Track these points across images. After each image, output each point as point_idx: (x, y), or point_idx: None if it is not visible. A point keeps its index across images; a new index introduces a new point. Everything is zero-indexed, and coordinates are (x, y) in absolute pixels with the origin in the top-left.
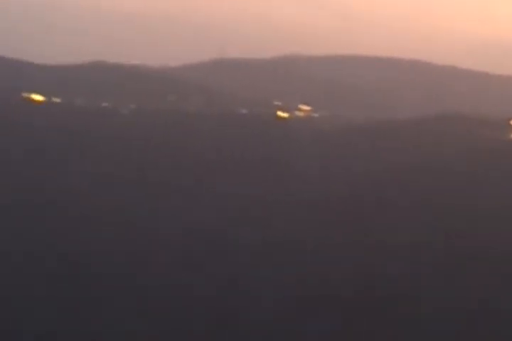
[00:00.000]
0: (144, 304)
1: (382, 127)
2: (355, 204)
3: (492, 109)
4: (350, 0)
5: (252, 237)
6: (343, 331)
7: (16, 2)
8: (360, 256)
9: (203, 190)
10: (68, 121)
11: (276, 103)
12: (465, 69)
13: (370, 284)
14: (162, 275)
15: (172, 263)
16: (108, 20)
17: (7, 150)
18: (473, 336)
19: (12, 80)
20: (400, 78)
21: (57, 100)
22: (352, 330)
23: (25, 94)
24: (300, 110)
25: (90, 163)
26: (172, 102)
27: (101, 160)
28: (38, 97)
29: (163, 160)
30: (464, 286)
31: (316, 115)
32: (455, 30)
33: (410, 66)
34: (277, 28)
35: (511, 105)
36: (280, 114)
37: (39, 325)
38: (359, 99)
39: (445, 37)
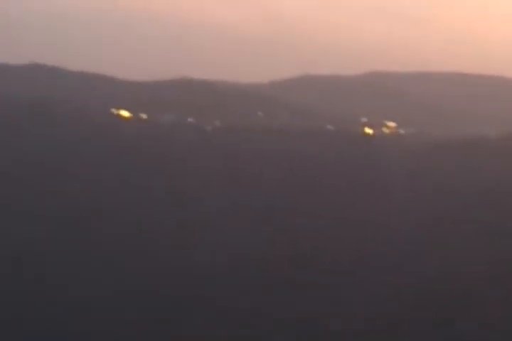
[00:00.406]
0: None
1: (471, 144)
2: (447, 224)
3: None
4: (444, 17)
5: (348, 258)
6: None
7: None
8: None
9: (293, 207)
10: (154, 137)
11: (362, 120)
12: None
13: None
14: None
15: None
16: (194, 36)
17: (97, 165)
18: None
19: (100, 97)
20: (487, 95)
21: (144, 116)
22: None
23: (113, 111)
24: (386, 127)
25: (177, 179)
26: (259, 119)
27: (187, 176)
28: (125, 113)
29: (250, 177)
30: None
31: (402, 132)
32: None
33: (497, 83)
34: (364, 44)
35: None
36: (367, 130)
37: None
38: (445, 116)
39: None
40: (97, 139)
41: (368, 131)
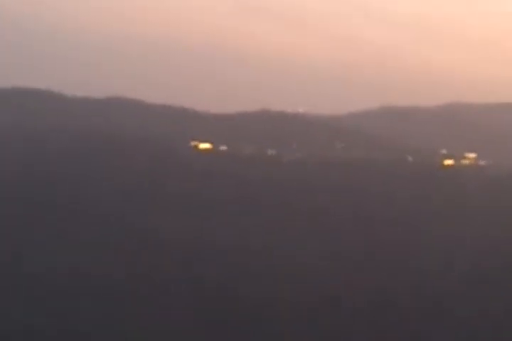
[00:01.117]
0: None
1: None
2: None
3: None
4: None
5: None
6: None
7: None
8: None
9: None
10: (235, 168)
11: (442, 151)
12: None
13: None
14: None
15: None
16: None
17: (177, 196)
18: None
19: (180, 129)
20: None
21: (223, 148)
22: None
23: (192, 143)
24: (466, 158)
25: (257, 210)
26: (339, 150)
27: (266, 207)
28: (205, 145)
29: (330, 208)
30: None
31: (482, 163)
32: None
33: None
34: (441, 75)
35: None
36: (446, 162)
37: None
38: None
39: None
40: (178, 171)
41: (448, 162)
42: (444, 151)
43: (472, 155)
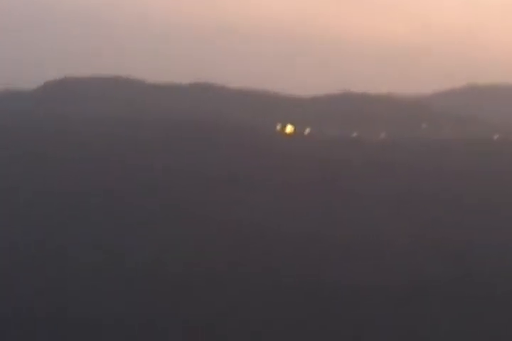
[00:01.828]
0: None
1: None
2: None
3: None
4: None
5: None
6: None
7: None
8: None
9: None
10: (319, 151)
11: None
12: None
13: None
14: None
15: None
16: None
17: (264, 180)
18: None
19: (264, 113)
20: None
21: (307, 131)
22: None
23: (277, 127)
24: None
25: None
26: (424, 130)
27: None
28: (289, 129)
29: (418, 190)
30: None
31: None
32: None
33: None
34: None
35: None
36: None
37: None
38: None
39: None
40: (263, 156)
41: None
42: None
43: None
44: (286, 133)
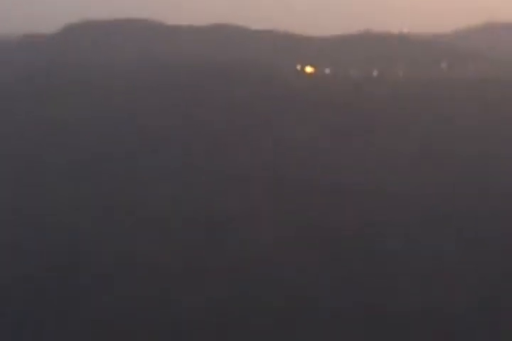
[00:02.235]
0: None
1: None
2: None
3: None
4: None
5: None
6: None
7: None
8: None
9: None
10: (340, 91)
11: None
12: None
13: None
14: None
15: None
16: None
17: (282, 120)
18: None
19: (285, 54)
20: None
21: (327, 71)
22: None
23: (298, 67)
24: None
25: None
26: (444, 69)
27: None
28: (309, 69)
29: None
30: None
31: None
32: None
33: None
34: None
35: None
36: None
37: None
38: None
39: None
40: (285, 95)
41: None
42: None
43: None
44: (306, 73)
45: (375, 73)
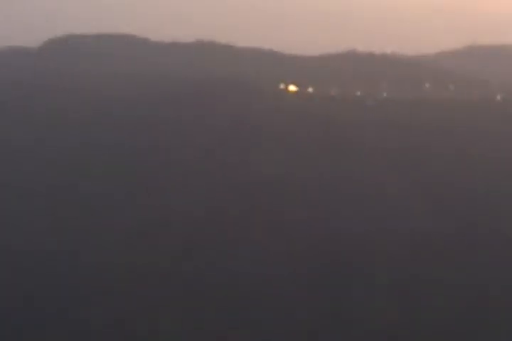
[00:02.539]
0: None
1: None
2: None
3: None
4: None
5: None
6: None
7: None
8: None
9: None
10: (322, 110)
11: None
12: None
13: None
14: None
15: None
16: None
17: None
18: None
19: (268, 72)
20: None
21: (310, 90)
22: None
23: (281, 86)
24: None
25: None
26: (427, 90)
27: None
28: (292, 88)
29: (419, 150)
30: None
31: None
32: None
33: None
34: None
35: None
36: None
37: None
38: None
39: None
40: (266, 114)
41: None
42: None
43: None
44: (289, 92)
45: (358, 93)
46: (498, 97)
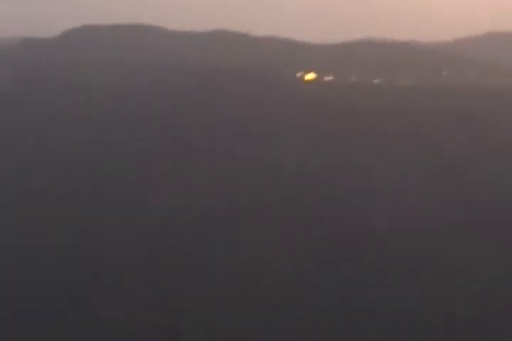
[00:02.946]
0: None
1: None
2: None
3: None
4: None
5: None
6: None
7: None
8: None
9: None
10: (341, 98)
11: None
12: None
13: None
14: None
15: None
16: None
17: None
18: None
19: (285, 61)
20: None
21: (328, 78)
22: None
23: (299, 74)
24: None
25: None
26: (446, 77)
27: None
28: (311, 76)
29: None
30: None
31: None
32: None
33: None
34: None
35: None
36: None
37: None
38: None
39: None
40: (284, 103)
41: None
42: None
43: None
44: (307, 80)
45: (376, 81)
46: None
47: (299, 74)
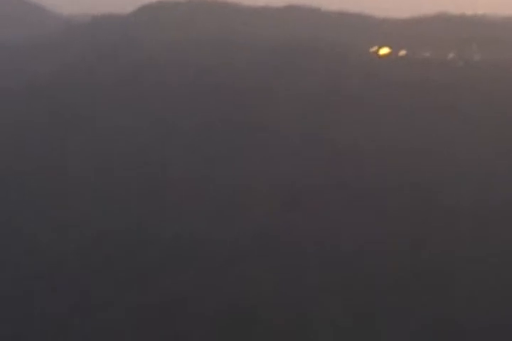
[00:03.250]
0: None
1: None
2: None
3: None
4: None
5: None
6: None
7: None
8: None
9: None
10: (415, 73)
11: None
12: None
13: None
14: None
15: None
16: None
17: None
18: None
19: (358, 36)
20: None
21: (402, 53)
22: None
23: (372, 49)
24: None
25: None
26: None
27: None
28: (384, 51)
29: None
30: None
31: None
32: None
33: None
34: None
35: None
36: None
37: None
38: None
39: None
40: (358, 78)
41: None
42: None
43: None
44: (381, 55)
45: (450, 55)
46: None
47: (373, 49)
